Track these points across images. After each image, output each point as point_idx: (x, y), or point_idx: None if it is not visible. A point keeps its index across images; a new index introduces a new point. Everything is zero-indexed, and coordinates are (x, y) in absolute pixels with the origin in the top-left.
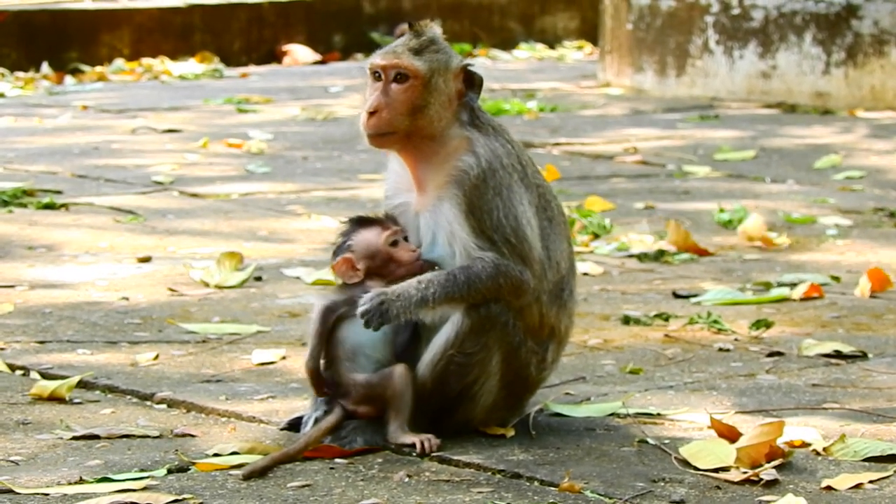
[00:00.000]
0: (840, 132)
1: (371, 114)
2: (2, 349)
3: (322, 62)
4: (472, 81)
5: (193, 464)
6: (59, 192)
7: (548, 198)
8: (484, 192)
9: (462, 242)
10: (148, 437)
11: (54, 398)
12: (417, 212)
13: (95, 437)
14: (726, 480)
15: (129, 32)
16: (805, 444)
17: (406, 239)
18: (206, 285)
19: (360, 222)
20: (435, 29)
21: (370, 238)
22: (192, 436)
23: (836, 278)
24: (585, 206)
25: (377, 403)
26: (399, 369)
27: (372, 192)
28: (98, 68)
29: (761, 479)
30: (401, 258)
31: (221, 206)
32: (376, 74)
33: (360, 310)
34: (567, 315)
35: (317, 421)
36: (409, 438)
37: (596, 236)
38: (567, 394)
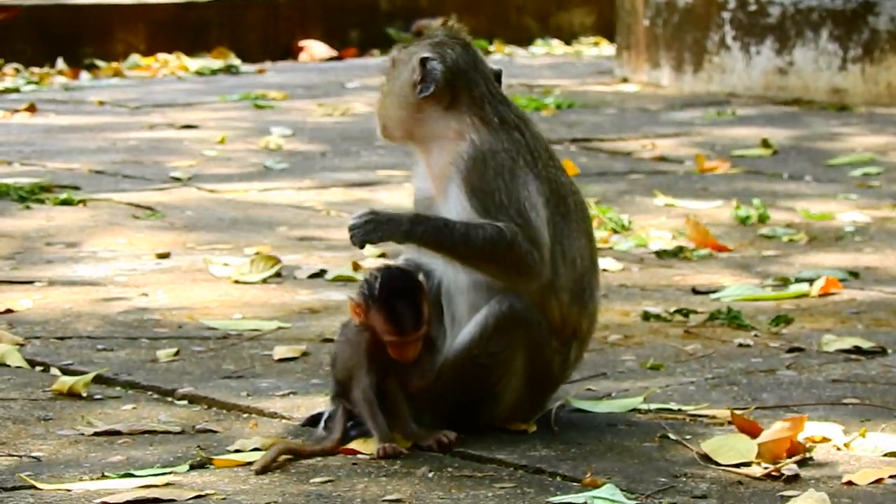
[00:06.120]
0: (857, 128)
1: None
2: (21, 345)
3: (338, 58)
4: (425, 74)
5: (214, 460)
6: (76, 188)
7: (562, 193)
8: (483, 173)
9: (469, 217)
10: (170, 432)
11: (75, 394)
12: (436, 201)
13: (117, 432)
14: (748, 476)
15: (145, 28)
16: (825, 440)
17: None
18: (232, 280)
19: (390, 289)
20: (431, 26)
21: (380, 327)
22: (214, 431)
23: (855, 274)
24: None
25: None
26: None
27: (390, 188)
28: (114, 64)
29: (782, 475)
30: (397, 355)
31: (240, 202)
32: None
33: (349, 224)
34: (588, 315)
35: (331, 418)
36: (423, 441)
37: (615, 232)
38: (588, 389)
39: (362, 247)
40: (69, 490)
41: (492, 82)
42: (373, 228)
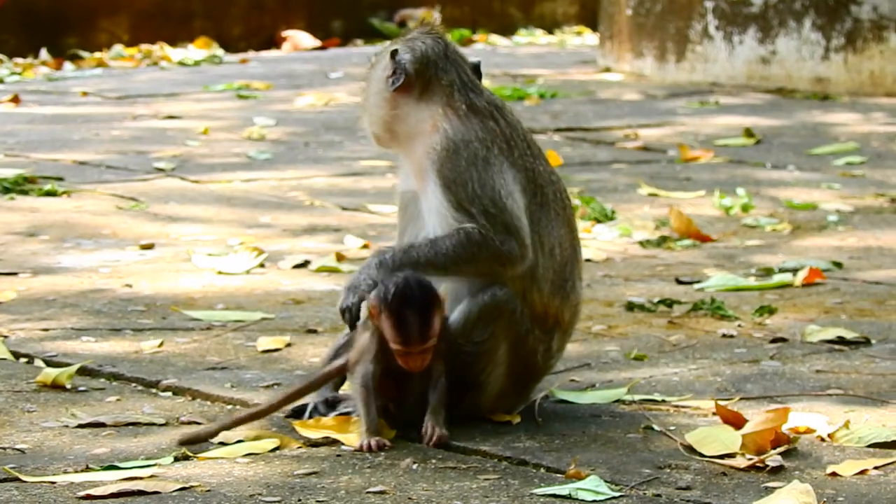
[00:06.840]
0: (840, 117)
1: None
2: (6, 336)
3: (322, 48)
4: (395, 66)
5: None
6: (60, 179)
7: (540, 182)
8: (456, 163)
9: (443, 218)
10: (154, 424)
11: (59, 386)
12: (418, 196)
13: (101, 424)
14: (732, 467)
15: (128, 18)
16: (810, 431)
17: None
18: (216, 271)
19: (402, 298)
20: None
21: (387, 334)
22: (198, 423)
23: (838, 264)
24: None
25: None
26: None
27: (374, 178)
28: (97, 54)
29: (767, 466)
30: (402, 363)
31: (223, 192)
32: None
33: (338, 310)
34: (570, 306)
35: (316, 407)
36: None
37: (598, 222)
38: (572, 380)
39: (357, 319)
40: (53, 482)
41: (465, 72)
42: (353, 291)
